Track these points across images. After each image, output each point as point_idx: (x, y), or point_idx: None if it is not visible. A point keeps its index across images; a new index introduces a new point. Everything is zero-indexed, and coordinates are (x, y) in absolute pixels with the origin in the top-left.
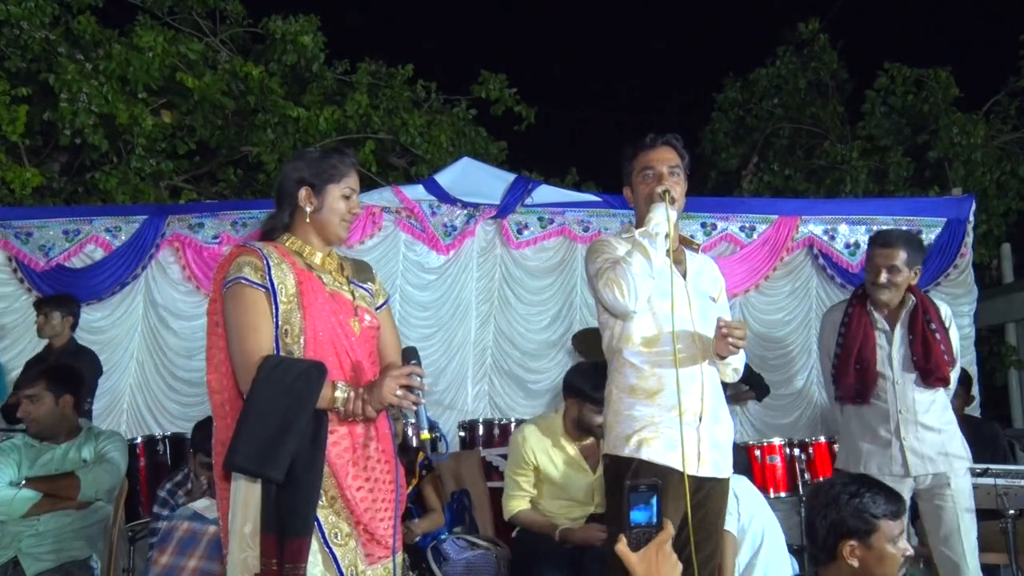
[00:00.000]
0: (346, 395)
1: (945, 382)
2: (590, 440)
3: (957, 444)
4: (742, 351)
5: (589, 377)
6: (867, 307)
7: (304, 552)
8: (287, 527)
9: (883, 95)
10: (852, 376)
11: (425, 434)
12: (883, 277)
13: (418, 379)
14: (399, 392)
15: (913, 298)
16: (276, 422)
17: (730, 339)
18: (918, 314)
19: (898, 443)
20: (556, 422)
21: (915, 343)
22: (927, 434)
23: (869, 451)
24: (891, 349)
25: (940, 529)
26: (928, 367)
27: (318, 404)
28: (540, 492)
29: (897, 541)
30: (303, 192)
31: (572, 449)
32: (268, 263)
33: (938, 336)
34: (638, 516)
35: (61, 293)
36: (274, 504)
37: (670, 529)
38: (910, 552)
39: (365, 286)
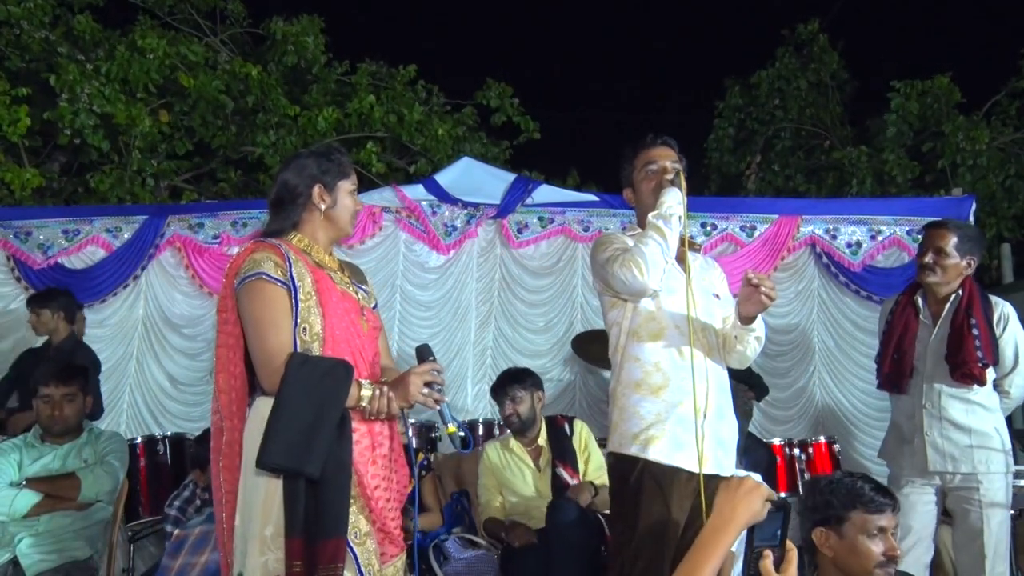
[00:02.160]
0: (371, 393)
1: (976, 380)
2: (533, 442)
3: (994, 446)
4: (760, 319)
5: (497, 378)
6: (915, 297)
7: (341, 552)
8: (323, 528)
9: (902, 114)
10: (889, 364)
11: (451, 427)
12: (929, 257)
13: (438, 375)
14: (425, 390)
15: (960, 292)
16: (308, 420)
17: (763, 288)
18: (961, 308)
19: (920, 437)
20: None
21: (950, 336)
22: (954, 432)
23: (896, 443)
24: (928, 343)
25: (962, 531)
26: (956, 360)
27: (347, 402)
28: (502, 491)
29: (873, 535)
30: (317, 190)
31: (519, 449)
32: (288, 259)
33: (975, 332)
34: (761, 534)
35: (50, 288)
36: (302, 506)
37: (794, 553)
38: (896, 552)
39: (363, 287)
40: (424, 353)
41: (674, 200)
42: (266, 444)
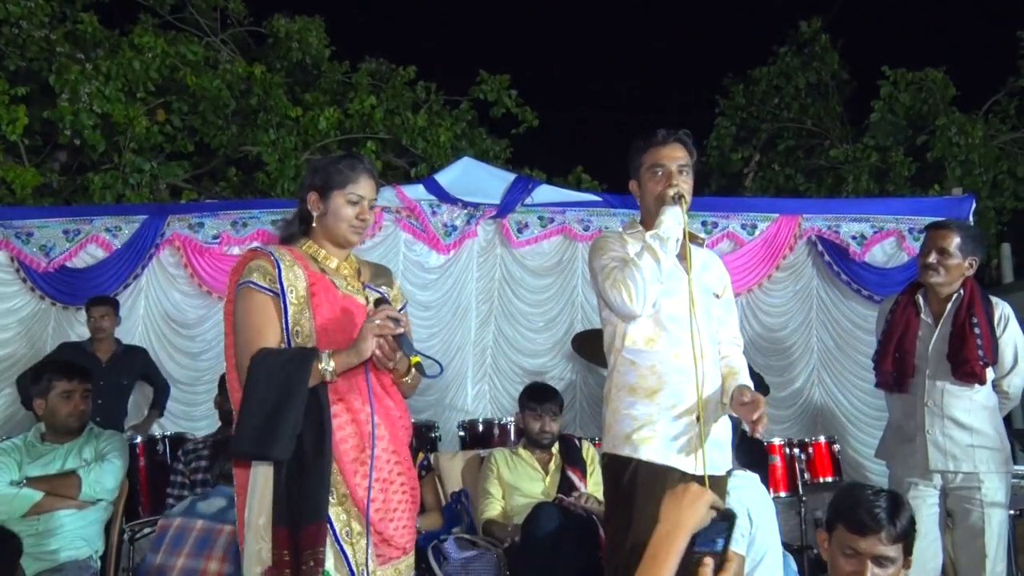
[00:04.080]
0: (332, 363)
1: (976, 378)
2: (543, 452)
3: (994, 446)
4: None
5: (532, 392)
6: (916, 297)
7: (322, 536)
8: (302, 513)
9: (889, 102)
10: (890, 363)
11: (415, 357)
12: (932, 257)
13: (391, 313)
14: (378, 321)
15: (962, 292)
16: (271, 405)
17: (759, 428)
18: (962, 307)
19: (922, 436)
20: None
21: (952, 335)
22: (955, 430)
23: (896, 442)
24: (930, 342)
25: (963, 531)
26: (958, 359)
27: (312, 381)
28: (506, 495)
29: (848, 555)
30: (311, 197)
31: (528, 458)
32: (279, 265)
33: (977, 331)
34: (702, 541)
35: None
36: (285, 496)
37: (732, 563)
38: None
39: (380, 290)
40: (380, 303)
41: (673, 221)
42: (234, 435)
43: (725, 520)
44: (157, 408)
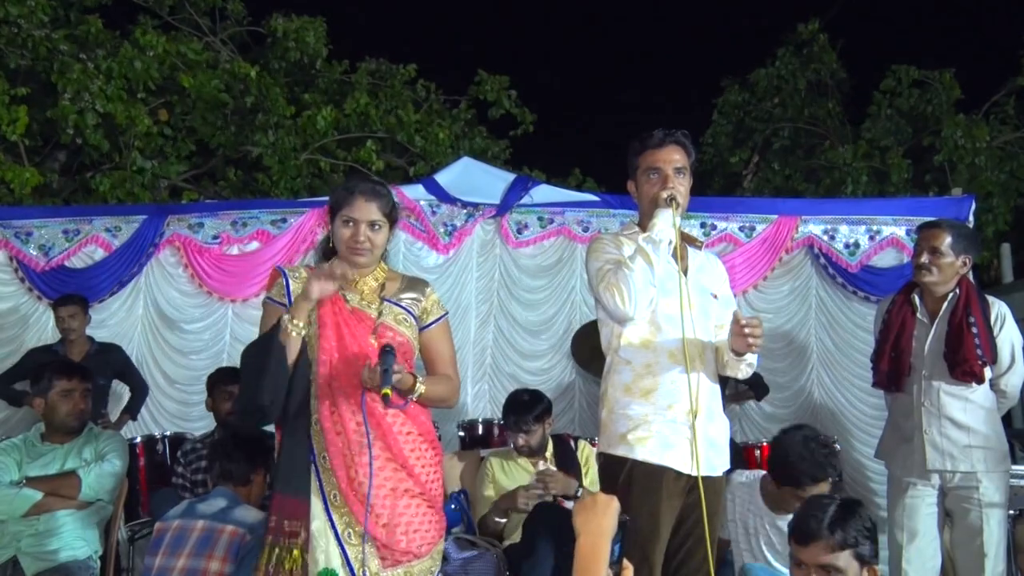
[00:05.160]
0: (287, 314)
1: (975, 378)
2: (538, 458)
3: (992, 445)
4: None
5: (508, 404)
6: (912, 296)
7: (302, 510)
8: (287, 483)
9: (889, 97)
10: (886, 363)
11: (385, 389)
12: (924, 257)
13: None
14: (325, 266)
15: (957, 291)
16: (253, 374)
17: (751, 339)
18: (959, 306)
19: (919, 436)
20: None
21: (949, 334)
22: (953, 430)
23: (894, 442)
24: (926, 341)
25: (962, 530)
26: (955, 359)
27: (283, 336)
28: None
29: (796, 566)
30: (327, 218)
31: (524, 464)
32: (287, 280)
33: (974, 330)
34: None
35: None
36: (277, 463)
37: (629, 571)
38: None
39: (402, 304)
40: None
41: (665, 224)
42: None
43: (620, 528)
44: (130, 412)
